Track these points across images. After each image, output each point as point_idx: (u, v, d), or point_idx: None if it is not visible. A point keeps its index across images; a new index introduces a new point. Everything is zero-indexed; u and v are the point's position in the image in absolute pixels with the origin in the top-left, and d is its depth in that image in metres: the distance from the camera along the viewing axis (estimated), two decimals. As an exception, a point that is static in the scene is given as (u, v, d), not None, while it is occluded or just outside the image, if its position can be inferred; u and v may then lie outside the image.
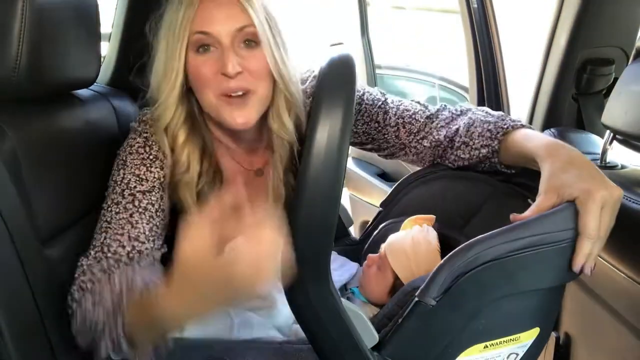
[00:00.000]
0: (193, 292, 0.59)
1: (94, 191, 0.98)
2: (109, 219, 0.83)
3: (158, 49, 0.87)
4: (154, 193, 0.86)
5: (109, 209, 0.84)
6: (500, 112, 0.93)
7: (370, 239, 1.03)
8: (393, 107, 0.99)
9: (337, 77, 0.56)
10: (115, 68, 1.36)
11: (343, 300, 0.62)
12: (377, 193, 1.91)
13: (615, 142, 0.97)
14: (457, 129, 0.92)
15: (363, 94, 1.01)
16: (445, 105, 0.99)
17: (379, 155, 1.07)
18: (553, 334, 1.08)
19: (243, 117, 0.85)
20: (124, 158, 0.88)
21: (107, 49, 1.37)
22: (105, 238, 0.82)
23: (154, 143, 0.89)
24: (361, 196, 2.07)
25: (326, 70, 0.56)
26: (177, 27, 0.82)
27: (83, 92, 1.07)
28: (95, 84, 1.06)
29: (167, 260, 0.88)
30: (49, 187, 0.86)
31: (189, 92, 0.88)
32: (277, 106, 0.89)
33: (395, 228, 0.96)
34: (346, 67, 0.56)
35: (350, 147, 1.07)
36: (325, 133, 0.52)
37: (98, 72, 1.03)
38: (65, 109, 0.97)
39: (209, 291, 0.58)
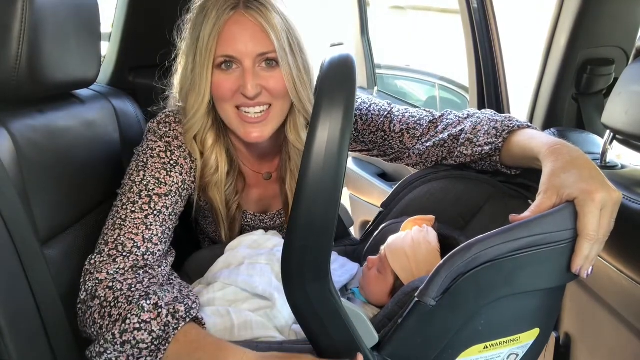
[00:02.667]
0: None
1: (94, 191, 0.98)
2: (123, 217, 0.84)
3: (186, 59, 0.91)
4: (170, 197, 0.89)
5: (124, 207, 0.85)
6: (508, 114, 0.94)
7: (371, 239, 1.03)
8: (398, 115, 1.02)
9: (337, 77, 0.55)
10: (115, 68, 1.36)
11: (343, 300, 0.61)
12: (377, 193, 1.91)
13: (615, 142, 0.97)
14: (463, 129, 0.93)
15: (370, 106, 1.05)
16: (450, 111, 1.00)
17: (383, 160, 1.09)
18: (553, 334, 1.08)
19: (258, 132, 0.91)
20: (145, 160, 0.90)
21: (107, 49, 1.37)
22: (119, 236, 0.82)
23: (175, 148, 0.92)
24: (361, 196, 2.07)
25: (326, 71, 0.56)
26: (204, 47, 0.86)
27: (83, 92, 1.07)
28: (95, 84, 1.06)
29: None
30: (49, 187, 0.86)
31: (213, 102, 0.92)
32: (294, 121, 0.95)
33: (396, 228, 0.96)
34: (346, 68, 0.56)
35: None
36: (325, 133, 0.52)
37: (98, 72, 1.03)
38: (65, 109, 0.97)
39: None
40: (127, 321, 0.71)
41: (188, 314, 0.73)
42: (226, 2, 0.85)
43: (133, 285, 0.77)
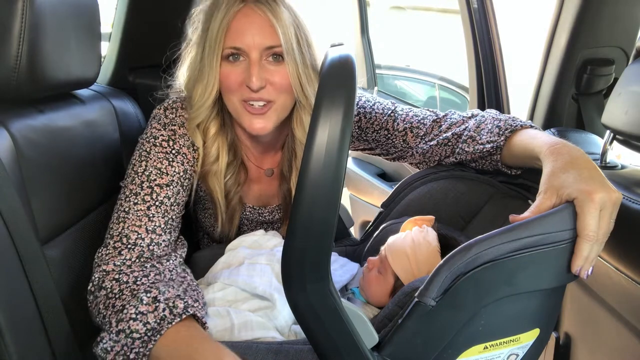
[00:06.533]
0: None
1: (94, 191, 0.98)
2: (126, 209, 0.86)
3: (196, 49, 0.92)
4: (171, 187, 0.90)
5: (127, 199, 0.86)
6: (512, 115, 0.94)
7: (371, 239, 1.03)
8: (402, 114, 1.03)
9: (337, 77, 0.55)
10: (115, 68, 1.36)
11: (343, 300, 0.61)
12: (377, 193, 1.91)
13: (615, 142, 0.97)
14: (467, 127, 0.94)
15: (374, 104, 1.05)
16: (454, 111, 1.00)
17: (385, 159, 1.09)
18: (553, 334, 1.08)
19: (261, 124, 0.91)
20: (148, 150, 0.90)
21: (107, 49, 1.37)
22: (123, 228, 0.84)
23: (179, 137, 0.93)
24: (361, 196, 2.07)
25: (326, 71, 0.56)
26: (212, 38, 0.87)
27: (83, 92, 1.07)
28: (95, 84, 1.06)
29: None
30: (49, 187, 0.86)
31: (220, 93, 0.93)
32: (300, 117, 0.95)
33: (396, 229, 0.96)
34: (346, 68, 0.56)
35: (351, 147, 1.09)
36: (325, 133, 0.52)
37: (98, 72, 1.03)
38: (65, 109, 0.97)
39: None
40: (125, 311, 0.72)
41: (185, 310, 0.73)
42: None
43: (139, 279, 0.78)
